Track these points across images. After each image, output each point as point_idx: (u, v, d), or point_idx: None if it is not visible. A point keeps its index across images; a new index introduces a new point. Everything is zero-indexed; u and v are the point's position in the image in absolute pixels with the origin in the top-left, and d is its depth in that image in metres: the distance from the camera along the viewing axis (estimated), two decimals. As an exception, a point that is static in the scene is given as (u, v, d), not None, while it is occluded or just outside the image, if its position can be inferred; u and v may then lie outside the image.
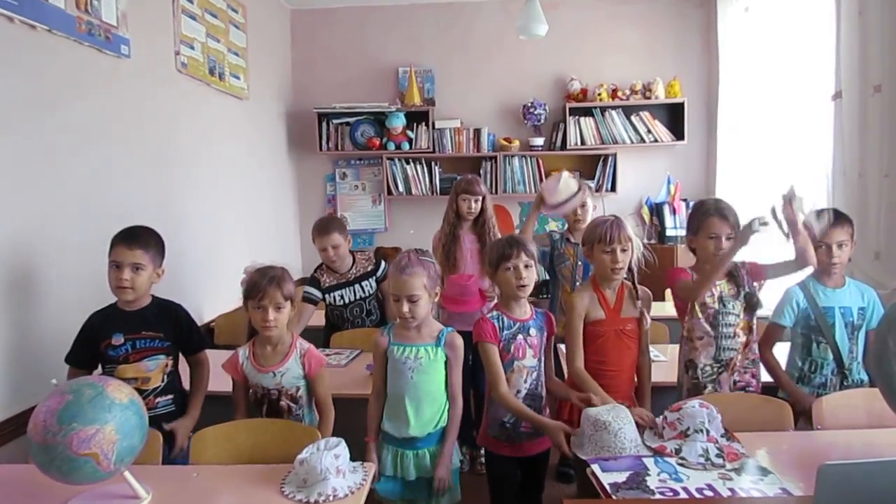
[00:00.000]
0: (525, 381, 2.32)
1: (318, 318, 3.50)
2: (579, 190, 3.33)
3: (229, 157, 4.30)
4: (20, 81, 2.44)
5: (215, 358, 2.46)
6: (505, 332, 2.31)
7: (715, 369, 2.50)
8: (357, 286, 3.41)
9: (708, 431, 1.98)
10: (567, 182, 3.32)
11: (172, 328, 2.35)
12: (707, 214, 2.51)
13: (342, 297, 3.41)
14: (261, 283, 2.20)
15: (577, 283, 3.26)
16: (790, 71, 4.06)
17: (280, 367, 2.26)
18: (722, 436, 2.00)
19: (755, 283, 2.54)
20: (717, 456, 1.88)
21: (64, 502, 1.70)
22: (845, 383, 2.48)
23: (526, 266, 2.30)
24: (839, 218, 2.50)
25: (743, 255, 2.60)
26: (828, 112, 3.47)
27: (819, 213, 2.47)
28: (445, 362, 2.28)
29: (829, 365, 2.51)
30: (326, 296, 3.40)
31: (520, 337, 2.32)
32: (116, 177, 3.02)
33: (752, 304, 2.52)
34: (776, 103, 4.26)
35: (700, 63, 5.37)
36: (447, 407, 2.30)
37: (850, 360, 2.49)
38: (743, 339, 2.51)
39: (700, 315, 2.50)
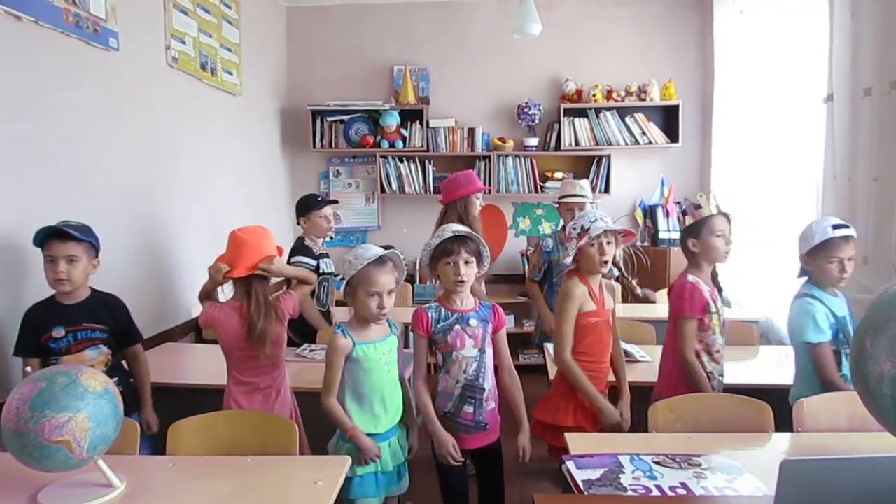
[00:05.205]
0: (464, 371, 2.30)
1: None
2: (587, 199, 3.60)
3: (222, 153, 4.29)
4: (5, 72, 2.43)
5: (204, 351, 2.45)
6: (440, 323, 2.31)
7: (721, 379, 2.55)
8: None
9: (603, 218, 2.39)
10: (584, 187, 3.67)
11: (111, 319, 2.41)
12: (712, 214, 2.53)
13: (333, 264, 3.49)
14: None
15: None
16: (785, 74, 4.04)
17: None
18: None
19: None
20: None
21: (38, 489, 1.69)
22: None
23: (466, 262, 2.30)
24: (850, 232, 2.44)
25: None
26: (821, 115, 3.44)
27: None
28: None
29: None
30: (319, 262, 3.44)
31: (457, 327, 2.31)
32: (105, 171, 3.01)
33: (726, 304, 2.57)
34: (771, 106, 4.23)
35: (695, 65, 5.38)
36: (403, 391, 2.35)
37: None
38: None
39: (717, 330, 2.52)
